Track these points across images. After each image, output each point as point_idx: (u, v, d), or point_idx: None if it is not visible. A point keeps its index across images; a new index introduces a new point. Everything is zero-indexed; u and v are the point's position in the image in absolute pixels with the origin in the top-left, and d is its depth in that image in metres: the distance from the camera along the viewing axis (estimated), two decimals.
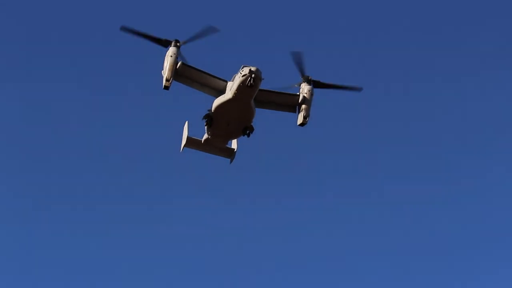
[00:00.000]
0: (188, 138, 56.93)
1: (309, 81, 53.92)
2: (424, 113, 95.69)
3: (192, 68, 52.29)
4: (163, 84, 51.55)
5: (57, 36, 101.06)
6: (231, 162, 57.94)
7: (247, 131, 54.00)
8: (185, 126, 57.60)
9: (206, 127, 54.58)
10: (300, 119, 53.92)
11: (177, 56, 51.58)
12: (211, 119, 53.55)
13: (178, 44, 51.61)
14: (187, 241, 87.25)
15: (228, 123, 53.50)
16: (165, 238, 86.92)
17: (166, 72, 51.42)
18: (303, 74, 53.68)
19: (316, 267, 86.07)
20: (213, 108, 53.01)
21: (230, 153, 57.60)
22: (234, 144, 57.57)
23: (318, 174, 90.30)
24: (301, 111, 53.82)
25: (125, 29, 51.05)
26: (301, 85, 54.03)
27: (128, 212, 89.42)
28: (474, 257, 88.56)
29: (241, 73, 50.59)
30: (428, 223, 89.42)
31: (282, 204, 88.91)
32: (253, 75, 50.05)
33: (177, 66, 51.62)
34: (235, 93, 51.30)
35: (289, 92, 54.07)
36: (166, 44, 51.74)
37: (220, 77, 52.87)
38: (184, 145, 57.29)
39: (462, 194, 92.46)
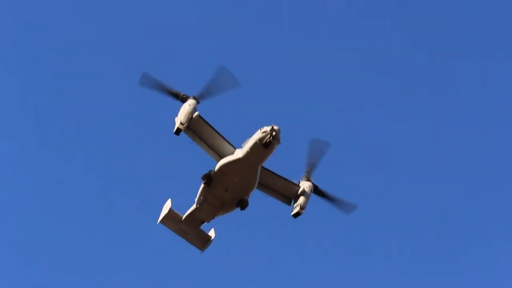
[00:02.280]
0: (170, 210, 54.10)
1: (309, 181, 53.56)
2: None
3: (207, 123, 51.45)
4: (176, 127, 50.14)
5: None
6: (202, 251, 54.86)
7: (242, 204, 52.13)
8: (167, 202, 54.98)
9: (200, 189, 52.21)
10: (296, 209, 52.60)
11: (195, 108, 51.05)
12: (211, 179, 51.60)
13: (196, 99, 51.22)
14: None
15: (227, 189, 51.55)
16: None
17: (181, 117, 50.25)
18: (309, 174, 53.37)
19: None
20: (216, 167, 51.26)
21: (205, 241, 54.66)
22: (212, 232, 55.00)
23: None
24: (298, 201, 52.85)
25: (145, 77, 50.33)
26: (301, 181, 53.61)
27: None
28: None
29: (260, 130, 50.10)
30: None
31: None
32: (273, 133, 49.62)
33: (193, 116, 50.83)
34: (247, 152, 50.17)
35: (290, 180, 53.39)
36: (184, 99, 51.04)
37: (230, 141, 52.18)
38: (162, 219, 54.23)
39: None
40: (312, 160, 52.69)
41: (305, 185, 53.10)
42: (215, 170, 51.34)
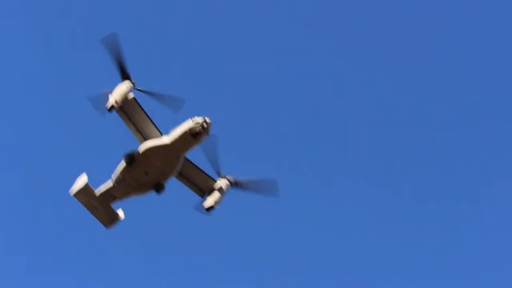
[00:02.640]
0: (86, 185, 54.43)
1: (226, 178, 55.09)
2: None
3: (140, 107, 52.45)
4: (110, 104, 50.09)
5: None
6: (108, 229, 55.56)
7: (159, 188, 53.29)
8: (82, 176, 55.20)
9: (120, 168, 52.94)
10: (209, 202, 54.15)
11: (131, 90, 51.71)
12: (133, 159, 52.50)
13: (133, 83, 51.55)
14: None
15: (147, 172, 52.65)
16: None
17: (116, 96, 50.32)
18: (219, 173, 54.82)
19: None
20: (141, 149, 52.39)
21: (113, 219, 55.42)
22: (120, 212, 55.79)
23: None
24: (213, 196, 54.45)
25: (111, 39, 49.88)
26: (219, 177, 55.00)
27: None
28: None
29: (192, 120, 51.58)
30: None
31: None
32: (205, 125, 51.23)
33: (128, 97, 51.64)
34: (175, 139, 51.64)
35: (209, 175, 54.91)
36: (125, 77, 50.83)
37: (158, 127, 53.25)
38: (77, 192, 54.46)
39: None
40: (212, 158, 53.71)
41: (222, 182, 54.78)
42: (140, 152, 52.37)
